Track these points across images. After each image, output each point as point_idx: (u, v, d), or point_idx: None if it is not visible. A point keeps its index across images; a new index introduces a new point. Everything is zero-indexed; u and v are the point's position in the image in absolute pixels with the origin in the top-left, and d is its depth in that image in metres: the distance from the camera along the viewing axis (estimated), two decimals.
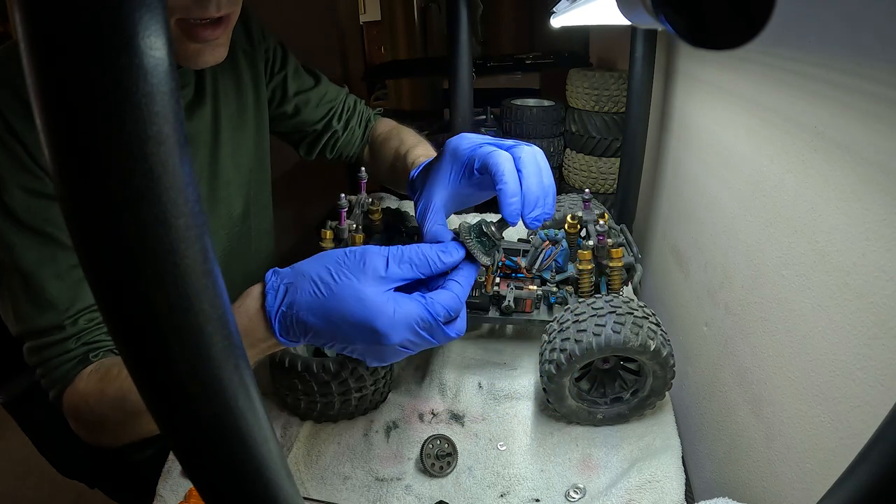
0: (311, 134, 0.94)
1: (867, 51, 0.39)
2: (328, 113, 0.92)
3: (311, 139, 0.94)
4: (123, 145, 0.16)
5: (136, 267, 0.17)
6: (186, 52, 0.58)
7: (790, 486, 0.49)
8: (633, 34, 0.91)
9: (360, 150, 0.97)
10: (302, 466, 0.62)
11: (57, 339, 0.59)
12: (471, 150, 0.53)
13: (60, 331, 0.59)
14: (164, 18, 0.16)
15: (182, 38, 0.57)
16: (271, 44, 0.86)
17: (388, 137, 0.91)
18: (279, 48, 0.88)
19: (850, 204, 0.41)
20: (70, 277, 0.60)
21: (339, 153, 0.97)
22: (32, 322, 0.59)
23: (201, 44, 0.58)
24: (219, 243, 0.82)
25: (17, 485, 1.59)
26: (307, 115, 0.91)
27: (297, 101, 0.90)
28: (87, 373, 0.59)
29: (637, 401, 0.62)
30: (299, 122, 0.92)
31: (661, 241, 0.97)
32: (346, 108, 0.95)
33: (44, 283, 0.59)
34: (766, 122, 0.56)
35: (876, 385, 0.38)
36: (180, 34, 0.56)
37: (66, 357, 0.59)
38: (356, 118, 0.96)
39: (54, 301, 0.59)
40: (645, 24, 0.23)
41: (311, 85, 0.91)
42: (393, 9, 2.29)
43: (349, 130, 0.95)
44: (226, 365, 0.20)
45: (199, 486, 0.22)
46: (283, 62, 0.88)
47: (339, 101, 0.94)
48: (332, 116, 0.93)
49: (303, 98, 0.90)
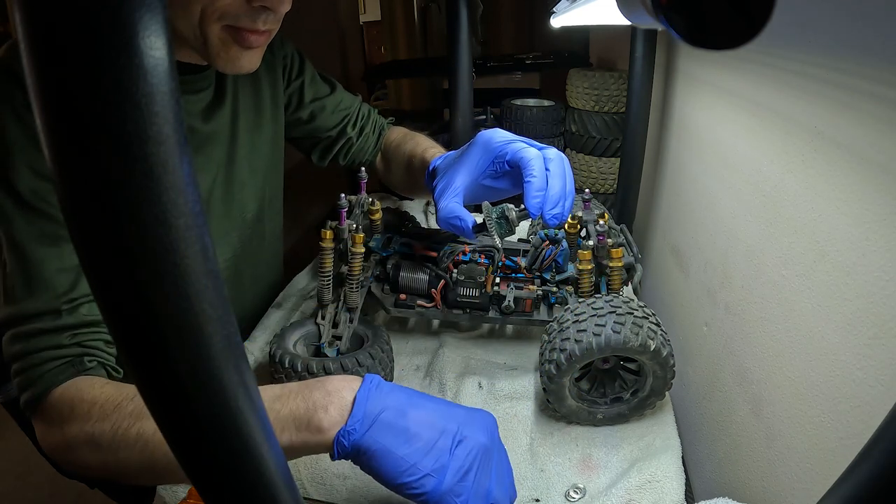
0: (325, 140, 0.95)
1: (867, 51, 0.39)
2: (343, 120, 0.94)
3: (325, 145, 0.95)
4: (123, 145, 0.16)
5: (136, 267, 0.17)
6: (228, 57, 0.60)
7: (790, 486, 0.49)
8: (633, 34, 0.91)
9: (373, 158, 0.99)
10: (302, 466, 0.62)
11: (49, 326, 0.52)
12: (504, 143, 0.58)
13: (55, 317, 0.53)
14: (165, 18, 0.16)
15: (229, 43, 0.58)
16: (289, 50, 0.88)
17: (401, 142, 0.93)
18: (296, 55, 0.89)
19: (850, 204, 0.41)
20: (71, 260, 0.54)
21: (352, 159, 0.98)
22: (23, 304, 0.53)
23: (245, 50, 0.60)
24: (230, 245, 0.82)
25: (17, 485, 1.59)
26: (322, 122, 0.92)
27: (312, 108, 0.91)
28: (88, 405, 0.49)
29: (637, 401, 0.62)
30: (314, 129, 0.93)
31: (661, 241, 0.97)
32: (361, 116, 0.96)
33: (42, 261, 0.53)
34: (766, 122, 0.56)
35: (876, 385, 0.38)
36: (228, 38, 0.58)
37: (56, 353, 0.52)
38: (370, 125, 0.97)
39: (52, 282, 0.53)
40: (645, 24, 0.23)
41: (326, 92, 0.93)
42: (393, 9, 2.29)
43: (363, 137, 0.96)
44: (226, 365, 0.20)
45: (198, 486, 0.22)
46: (300, 69, 0.89)
47: (354, 108, 0.96)
48: (346, 123, 0.94)
49: (318, 105, 0.91)
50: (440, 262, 0.72)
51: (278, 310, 0.88)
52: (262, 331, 0.83)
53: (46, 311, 0.53)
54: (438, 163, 0.69)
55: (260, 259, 0.91)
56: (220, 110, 0.75)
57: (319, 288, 0.69)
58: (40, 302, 0.53)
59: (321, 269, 0.69)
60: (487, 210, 0.55)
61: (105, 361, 0.56)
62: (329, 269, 0.69)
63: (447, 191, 0.57)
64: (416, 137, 0.92)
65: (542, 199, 0.53)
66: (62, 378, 0.52)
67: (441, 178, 0.60)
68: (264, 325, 0.84)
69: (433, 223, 1.13)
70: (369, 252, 0.74)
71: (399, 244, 0.75)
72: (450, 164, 0.63)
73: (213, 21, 0.56)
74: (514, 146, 0.57)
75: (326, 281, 0.69)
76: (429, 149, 0.83)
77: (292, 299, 0.91)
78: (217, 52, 0.59)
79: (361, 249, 0.69)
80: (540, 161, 0.55)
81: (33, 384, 0.52)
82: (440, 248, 0.73)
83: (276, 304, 0.90)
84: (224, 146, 0.77)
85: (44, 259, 0.53)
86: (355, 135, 0.95)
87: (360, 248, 0.69)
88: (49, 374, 0.52)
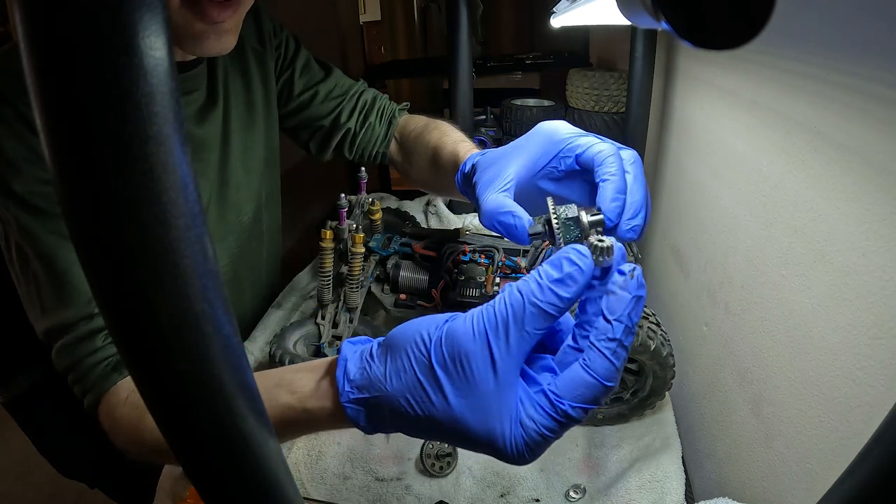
0: (320, 130, 0.88)
1: (867, 51, 0.39)
2: (336, 108, 0.86)
3: (322, 136, 0.88)
4: (123, 145, 0.16)
5: (135, 267, 0.17)
6: (192, 35, 0.54)
7: (790, 486, 0.49)
8: (633, 34, 0.91)
9: (386, 149, 0.89)
10: (302, 466, 0.62)
11: (84, 332, 0.55)
12: (573, 136, 0.46)
13: (88, 321, 0.55)
14: (165, 18, 0.16)
15: (188, 19, 0.53)
16: (283, 38, 0.83)
17: (423, 131, 0.80)
18: (291, 42, 0.85)
19: (850, 204, 0.41)
20: None
21: (359, 152, 0.89)
22: (59, 315, 0.55)
23: (208, 25, 0.54)
24: (227, 249, 0.81)
25: (17, 485, 1.59)
26: (314, 111, 0.86)
27: (304, 97, 0.85)
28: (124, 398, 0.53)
29: (637, 401, 0.62)
30: (306, 118, 0.87)
31: (661, 241, 0.97)
32: (363, 103, 0.88)
33: (67, 268, 0.55)
34: (766, 122, 0.56)
35: (876, 385, 0.38)
36: (187, 14, 0.52)
37: (96, 358, 0.55)
38: (375, 114, 0.88)
39: (80, 287, 0.55)
40: (645, 24, 0.23)
41: (320, 77, 0.86)
42: (393, 9, 2.30)
43: (367, 128, 0.87)
44: (226, 365, 0.20)
45: (198, 486, 0.22)
46: (293, 57, 0.84)
47: (350, 95, 0.87)
48: (339, 111, 0.86)
49: (310, 93, 0.85)
50: (440, 262, 0.72)
51: (278, 310, 0.88)
52: (262, 331, 0.83)
53: (79, 318, 0.54)
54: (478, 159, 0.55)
55: (258, 261, 0.90)
56: (213, 112, 0.74)
57: (319, 288, 0.69)
58: (72, 310, 0.54)
59: (321, 269, 0.69)
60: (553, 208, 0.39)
61: None
62: (329, 269, 0.69)
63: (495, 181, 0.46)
64: (441, 127, 0.79)
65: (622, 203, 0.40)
66: (108, 384, 0.54)
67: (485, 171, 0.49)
68: (264, 325, 0.84)
69: (433, 223, 1.13)
70: (369, 252, 0.74)
71: (399, 244, 0.75)
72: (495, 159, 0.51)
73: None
74: (585, 140, 0.45)
75: (326, 281, 0.69)
76: (460, 142, 0.70)
77: (292, 299, 0.91)
78: (181, 32, 0.54)
79: (361, 249, 0.69)
80: (618, 159, 0.42)
81: (88, 393, 0.55)
82: (440, 248, 0.73)
83: (276, 304, 0.90)
84: (217, 149, 0.75)
85: (69, 265, 0.54)
86: (356, 125, 0.87)
87: (360, 248, 0.69)
88: (98, 382, 0.54)
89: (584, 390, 0.30)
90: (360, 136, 0.88)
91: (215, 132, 0.75)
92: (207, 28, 0.54)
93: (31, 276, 0.57)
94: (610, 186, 0.40)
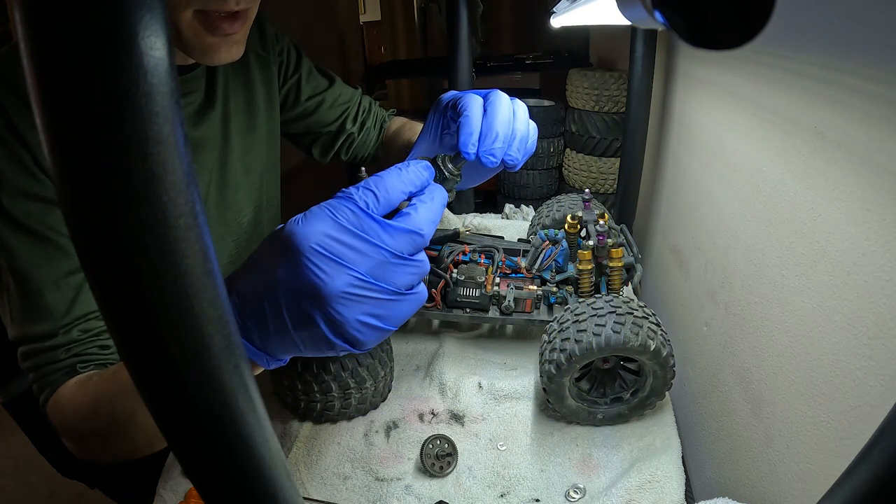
0: (326, 135, 0.93)
1: (867, 51, 0.39)
2: (342, 114, 0.92)
3: (326, 141, 0.94)
4: (123, 145, 0.16)
5: (135, 267, 0.17)
6: (203, 47, 0.57)
7: (790, 486, 0.49)
8: (633, 34, 0.91)
9: (375, 151, 0.97)
10: (302, 466, 0.62)
11: (47, 345, 0.58)
12: (451, 96, 0.54)
13: (52, 338, 0.58)
14: (165, 18, 0.16)
15: (200, 32, 0.56)
16: (285, 45, 0.86)
17: (398, 132, 0.91)
18: (293, 50, 0.88)
19: (850, 204, 0.41)
20: (67, 284, 0.58)
21: (354, 154, 0.96)
22: (26, 329, 0.58)
23: (219, 38, 0.57)
24: (226, 250, 0.81)
25: (17, 485, 1.59)
26: (321, 117, 0.91)
27: (311, 103, 0.89)
28: (71, 384, 0.58)
29: (637, 401, 0.62)
30: (313, 124, 0.91)
31: (661, 241, 0.97)
32: (362, 110, 0.95)
33: (40, 288, 0.57)
34: (766, 122, 0.56)
35: (876, 385, 0.38)
36: (198, 27, 0.55)
37: (55, 367, 0.58)
38: (371, 119, 0.96)
39: (50, 308, 0.58)
40: (645, 24, 0.23)
41: (325, 86, 0.91)
42: (393, 9, 2.30)
43: (364, 132, 0.95)
44: (226, 365, 0.20)
45: (198, 486, 0.22)
46: (297, 64, 0.88)
47: (354, 102, 0.94)
48: (346, 118, 0.93)
49: (317, 99, 0.90)
50: (440, 262, 0.72)
51: None
52: None
53: (45, 334, 0.58)
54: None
55: None
56: (210, 114, 0.74)
57: None
58: (39, 328, 0.58)
59: None
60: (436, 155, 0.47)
61: (103, 362, 0.60)
62: None
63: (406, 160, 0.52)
64: (413, 126, 0.90)
65: (476, 136, 0.46)
66: (60, 383, 0.58)
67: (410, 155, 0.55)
68: None
69: None
70: None
71: None
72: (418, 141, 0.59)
73: (183, 7, 0.53)
74: (457, 94, 0.52)
75: None
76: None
77: None
78: (192, 44, 0.56)
79: None
80: (477, 102, 0.49)
81: (43, 391, 0.59)
82: (440, 249, 0.73)
83: None
84: (216, 150, 0.76)
85: (41, 287, 0.57)
86: (356, 130, 0.93)
87: None
88: (51, 382, 0.58)
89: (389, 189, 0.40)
90: (358, 139, 0.95)
91: (213, 134, 0.75)
92: (218, 40, 0.57)
93: (3, 286, 0.59)
94: (462, 127, 0.47)
